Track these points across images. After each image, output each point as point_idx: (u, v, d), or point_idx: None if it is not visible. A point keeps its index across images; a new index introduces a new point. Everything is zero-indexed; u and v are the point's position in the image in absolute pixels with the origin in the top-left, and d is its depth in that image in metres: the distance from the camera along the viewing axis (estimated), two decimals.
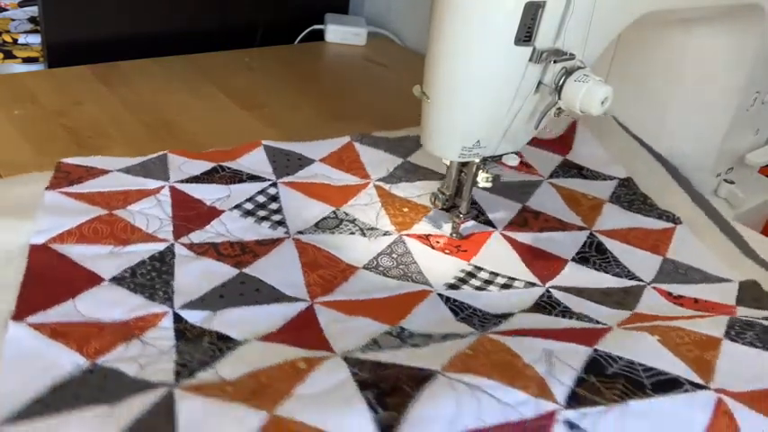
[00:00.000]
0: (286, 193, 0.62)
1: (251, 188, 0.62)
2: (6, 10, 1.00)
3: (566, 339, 0.43)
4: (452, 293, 0.53)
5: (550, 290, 0.54)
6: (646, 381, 0.40)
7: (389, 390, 0.37)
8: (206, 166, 0.64)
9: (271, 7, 1.03)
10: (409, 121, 0.74)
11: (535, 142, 0.74)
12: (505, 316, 0.50)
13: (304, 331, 0.47)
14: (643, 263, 0.59)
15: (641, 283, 0.56)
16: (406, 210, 0.62)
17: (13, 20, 0.97)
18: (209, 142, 0.70)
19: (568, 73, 0.49)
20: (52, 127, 0.70)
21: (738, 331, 0.45)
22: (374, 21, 1.13)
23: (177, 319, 0.46)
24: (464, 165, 0.58)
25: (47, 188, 0.57)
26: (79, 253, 0.50)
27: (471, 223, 0.61)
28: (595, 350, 0.41)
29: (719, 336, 0.45)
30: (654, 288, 0.56)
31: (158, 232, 0.54)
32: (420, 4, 1.06)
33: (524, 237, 0.61)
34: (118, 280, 0.49)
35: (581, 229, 0.63)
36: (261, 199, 0.61)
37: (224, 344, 0.44)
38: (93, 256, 0.50)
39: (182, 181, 0.61)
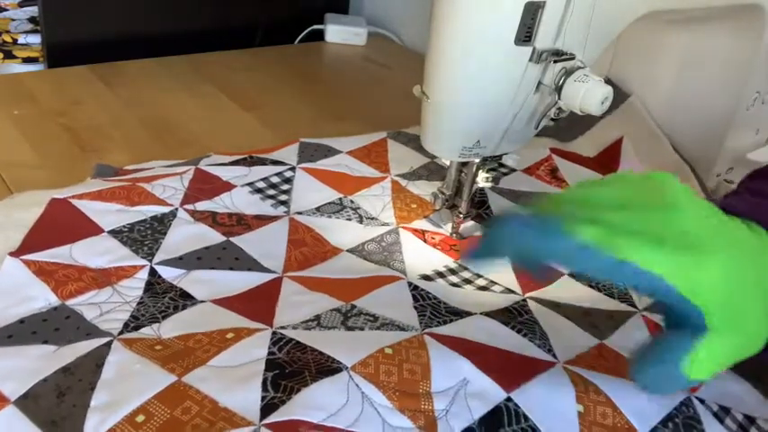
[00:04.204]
0: (301, 177, 0.64)
1: (269, 170, 0.64)
2: (6, 10, 1.00)
3: (493, 369, 0.42)
4: (423, 283, 0.52)
5: (527, 299, 0.52)
6: None
7: (291, 373, 0.39)
8: (238, 157, 0.66)
9: (271, 7, 1.03)
10: (409, 121, 0.74)
11: (576, 159, 0.73)
12: (461, 314, 0.49)
13: (259, 301, 0.48)
14: None
15: (632, 309, 0.53)
16: (414, 206, 0.62)
17: (13, 20, 0.97)
18: (210, 142, 0.70)
19: (568, 73, 0.49)
20: (52, 127, 0.70)
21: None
22: (374, 21, 1.13)
23: (152, 272, 0.49)
24: (464, 165, 0.58)
25: (92, 177, 0.61)
26: (91, 208, 0.54)
27: (471, 223, 0.61)
28: (509, 398, 0.41)
29: (634, 426, 0.42)
30: (643, 317, 0.52)
31: (169, 198, 0.57)
32: (420, 4, 1.06)
33: None
34: (115, 232, 0.52)
35: None
36: (275, 180, 0.63)
37: (182, 301, 0.47)
38: (102, 211, 0.54)
39: (209, 165, 0.63)
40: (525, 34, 0.47)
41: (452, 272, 0.55)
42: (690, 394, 0.44)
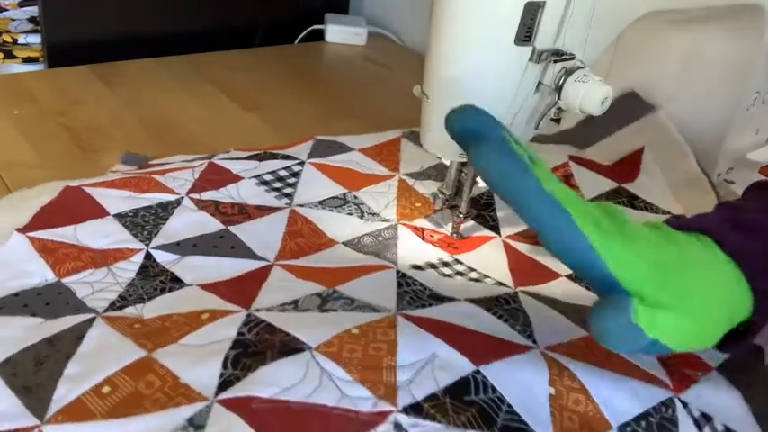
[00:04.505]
0: (308, 171, 0.64)
1: (278, 164, 0.64)
2: (6, 10, 1.00)
3: (464, 346, 0.41)
4: (412, 272, 0.52)
5: (518, 292, 0.52)
6: (500, 421, 0.38)
7: (253, 352, 0.39)
8: (254, 153, 0.66)
9: (271, 7, 1.03)
10: (409, 122, 0.73)
11: (593, 166, 0.72)
12: (443, 299, 0.48)
13: (244, 285, 0.49)
14: None
15: None
16: (418, 204, 0.62)
17: (13, 20, 0.97)
18: (210, 142, 0.70)
19: (568, 73, 0.49)
20: (52, 127, 0.70)
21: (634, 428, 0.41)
22: (374, 21, 1.13)
23: (147, 256, 0.51)
24: (464, 165, 0.58)
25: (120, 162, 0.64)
26: (102, 194, 0.56)
27: (471, 223, 0.61)
28: (477, 371, 0.40)
29: (611, 424, 0.40)
30: None
31: (177, 188, 0.58)
32: (420, 4, 1.06)
33: (525, 247, 0.59)
34: (120, 216, 0.54)
35: None
36: (283, 173, 0.63)
37: (170, 284, 0.48)
38: (112, 197, 0.56)
39: (223, 159, 0.64)
40: (525, 34, 0.47)
41: (446, 264, 0.55)
42: (674, 395, 0.43)
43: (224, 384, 0.37)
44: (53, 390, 0.37)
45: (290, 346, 0.40)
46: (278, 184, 0.62)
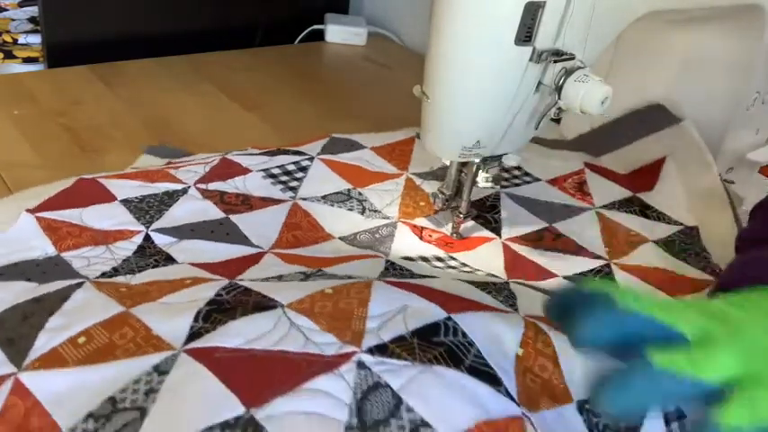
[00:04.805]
0: (317, 167, 0.64)
1: (288, 159, 0.65)
2: (6, 10, 1.00)
3: (440, 299, 0.41)
4: (402, 262, 0.52)
5: (509, 282, 0.51)
6: (467, 362, 0.37)
7: (225, 309, 0.40)
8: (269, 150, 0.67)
9: (271, 7, 1.03)
10: (409, 121, 0.73)
11: (609, 175, 0.71)
12: (424, 277, 0.47)
13: (233, 264, 0.50)
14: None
15: None
16: (422, 203, 0.62)
17: (13, 20, 0.97)
18: (210, 142, 0.70)
19: (568, 73, 0.49)
20: (52, 127, 0.70)
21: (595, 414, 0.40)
22: (374, 21, 1.13)
23: (146, 238, 0.52)
24: (464, 165, 0.58)
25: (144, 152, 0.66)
26: (114, 183, 0.57)
27: (472, 224, 0.61)
28: (449, 318, 0.39)
29: (572, 397, 0.40)
30: None
31: (186, 179, 0.59)
32: (420, 4, 1.06)
33: (524, 249, 0.59)
34: (126, 202, 0.55)
35: (597, 257, 0.59)
36: (291, 168, 0.64)
37: (165, 263, 0.49)
38: (122, 186, 0.57)
39: (236, 154, 0.65)
40: (525, 34, 0.47)
41: (439, 259, 0.55)
42: None
43: (192, 336, 0.38)
44: (33, 340, 0.38)
45: (263, 304, 0.40)
46: (285, 178, 0.62)
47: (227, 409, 0.33)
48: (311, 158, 0.66)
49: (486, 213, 0.62)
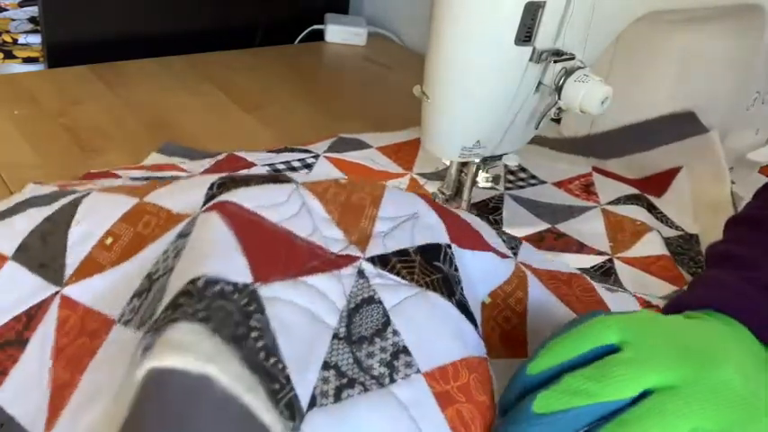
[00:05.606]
0: (321, 164, 0.65)
1: (294, 156, 0.66)
2: (6, 10, 1.00)
3: (447, 219, 0.40)
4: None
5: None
6: (457, 296, 0.37)
7: (238, 180, 0.39)
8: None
9: (271, 7, 1.03)
10: (409, 122, 0.74)
11: (617, 179, 0.71)
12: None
13: None
14: (647, 287, 0.54)
15: (625, 292, 0.52)
16: None
17: (13, 20, 0.97)
18: (209, 142, 0.70)
19: (568, 73, 0.49)
20: (52, 127, 0.70)
21: None
22: (374, 21, 1.13)
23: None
24: (464, 165, 0.58)
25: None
26: (121, 172, 0.58)
27: None
28: (449, 245, 0.39)
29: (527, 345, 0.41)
30: (635, 296, 0.51)
31: (191, 169, 0.60)
32: (420, 4, 1.06)
33: None
34: (133, 179, 0.56)
35: (600, 253, 0.59)
36: (296, 164, 0.64)
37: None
38: (129, 173, 0.58)
39: (245, 152, 0.65)
40: (525, 34, 0.47)
41: None
42: None
43: (209, 199, 0.38)
44: (63, 257, 0.39)
45: (278, 178, 0.40)
46: (289, 174, 0.62)
47: (236, 272, 0.32)
48: (316, 156, 0.66)
49: (488, 214, 0.62)
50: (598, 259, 0.58)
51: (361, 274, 0.36)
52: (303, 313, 0.33)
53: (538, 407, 0.32)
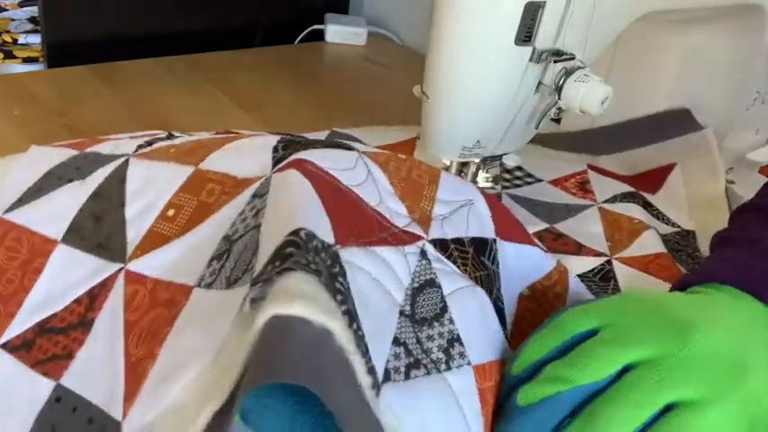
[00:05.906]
0: None
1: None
2: (6, 10, 1.00)
3: (495, 209, 0.41)
4: None
5: None
6: (494, 295, 0.38)
7: (301, 143, 0.39)
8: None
9: (271, 7, 1.03)
10: (409, 121, 0.73)
11: (612, 176, 0.71)
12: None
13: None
14: (644, 285, 0.55)
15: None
16: None
17: (13, 20, 0.97)
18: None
19: (568, 73, 0.49)
20: (52, 127, 0.70)
21: None
22: (374, 21, 1.13)
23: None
24: (464, 165, 0.58)
25: None
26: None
27: None
28: (495, 240, 0.40)
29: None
30: None
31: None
32: (420, 4, 1.06)
33: None
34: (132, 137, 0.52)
35: (598, 255, 0.58)
36: None
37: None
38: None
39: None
40: (525, 34, 0.47)
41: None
42: None
43: (278, 162, 0.37)
44: (124, 236, 0.38)
45: (339, 144, 0.39)
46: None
47: (322, 231, 0.31)
48: None
49: None
50: (597, 261, 0.58)
51: (423, 254, 0.35)
52: (375, 284, 0.32)
53: (521, 399, 0.32)
